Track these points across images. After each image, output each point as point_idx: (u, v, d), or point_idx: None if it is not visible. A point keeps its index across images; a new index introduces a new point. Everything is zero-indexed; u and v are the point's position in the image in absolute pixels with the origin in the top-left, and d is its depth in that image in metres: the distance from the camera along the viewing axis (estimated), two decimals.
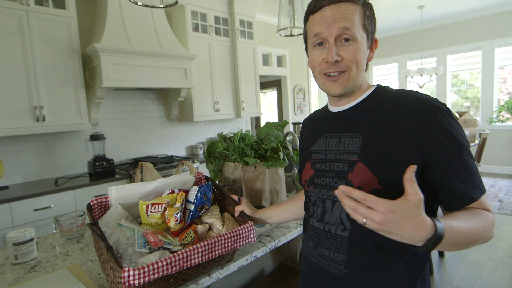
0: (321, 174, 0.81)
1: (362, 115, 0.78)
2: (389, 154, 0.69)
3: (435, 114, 0.68)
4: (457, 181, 0.67)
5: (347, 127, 0.79)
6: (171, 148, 3.71)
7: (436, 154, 0.67)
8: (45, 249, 1.25)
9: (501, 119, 5.07)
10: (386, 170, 0.69)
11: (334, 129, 0.82)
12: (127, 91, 3.28)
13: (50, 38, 2.49)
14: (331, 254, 0.77)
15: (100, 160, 2.67)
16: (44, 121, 2.48)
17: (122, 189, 0.99)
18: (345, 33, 0.72)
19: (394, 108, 0.73)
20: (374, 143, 0.72)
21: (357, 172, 0.72)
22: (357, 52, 0.73)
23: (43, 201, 2.30)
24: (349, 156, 0.75)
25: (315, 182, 0.82)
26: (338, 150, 0.78)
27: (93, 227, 0.84)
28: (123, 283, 0.70)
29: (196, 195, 1.03)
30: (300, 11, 1.81)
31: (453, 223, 0.61)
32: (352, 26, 0.72)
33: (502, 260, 2.60)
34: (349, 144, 0.76)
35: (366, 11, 0.75)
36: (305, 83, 5.58)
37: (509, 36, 5.11)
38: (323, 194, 0.80)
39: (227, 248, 0.90)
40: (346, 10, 0.72)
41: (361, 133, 0.75)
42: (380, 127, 0.73)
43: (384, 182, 0.69)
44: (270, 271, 1.55)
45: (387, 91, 0.79)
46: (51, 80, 2.51)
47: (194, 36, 3.45)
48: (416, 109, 0.70)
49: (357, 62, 0.74)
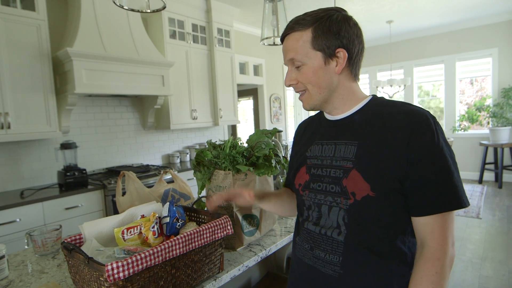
0: (317, 179, 0.83)
1: (357, 124, 0.80)
2: (381, 163, 0.73)
3: (422, 127, 0.72)
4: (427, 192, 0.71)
5: (343, 135, 0.82)
6: (147, 157, 3.59)
7: (417, 164, 0.71)
8: (16, 267, 1.15)
9: (463, 127, 5.41)
10: (377, 178, 0.73)
11: (330, 136, 0.85)
12: (100, 98, 3.15)
13: (17, 41, 2.34)
14: (327, 256, 0.79)
15: (71, 170, 2.53)
16: (10, 128, 2.31)
17: (94, 224, 1.01)
18: (293, 61, 0.81)
19: (388, 119, 0.76)
20: (368, 152, 0.75)
21: (351, 178, 0.75)
22: (309, 73, 0.79)
23: (7, 215, 2.13)
24: (344, 162, 0.78)
25: (310, 187, 0.84)
26: (334, 157, 0.81)
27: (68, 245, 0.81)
28: (107, 276, 0.70)
29: (169, 208, 1.04)
30: (283, 21, 1.84)
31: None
32: (296, 54, 0.79)
33: (471, 261, 2.75)
34: (345, 152, 0.79)
35: (317, 31, 0.77)
36: (281, 92, 5.66)
37: (468, 51, 5.52)
38: (319, 199, 0.82)
39: (206, 239, 0.94)
40: (292, 41, 0.80)
41: (356, 141, 0.78)
42: (374, 136, 0.76)
43: (376, 190, 0.73)
44: (257, 280, 1.53)
45: (382, 102, 0.82)
46: (18, 85, 2.35)
47: (171, 43, 3.40)
48: (407, 122, 0.73)
49: (312, 81, 0.80)
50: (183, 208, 1.14)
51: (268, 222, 1.30)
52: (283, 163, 1.19)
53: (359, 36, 0.81)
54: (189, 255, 0.90)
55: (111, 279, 0.71)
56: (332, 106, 0.84)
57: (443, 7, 4.60)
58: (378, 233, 0.75)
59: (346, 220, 0.76)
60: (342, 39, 0.77)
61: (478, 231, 3.38)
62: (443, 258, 0.71)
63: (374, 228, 0.75)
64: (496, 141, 5.00)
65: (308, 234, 0.84)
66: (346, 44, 0.78)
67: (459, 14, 4.98)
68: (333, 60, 0.78)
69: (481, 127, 5.56)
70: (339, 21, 0.78)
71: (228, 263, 1.09)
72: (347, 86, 0.82)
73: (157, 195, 1.38)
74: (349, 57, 0.79)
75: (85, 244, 0.96)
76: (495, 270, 2.57)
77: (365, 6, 4.29)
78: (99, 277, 0.75)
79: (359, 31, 0.81)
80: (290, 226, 1.41)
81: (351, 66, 0.81)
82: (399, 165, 0.71)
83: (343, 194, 0.77)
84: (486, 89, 5.59)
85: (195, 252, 0.92)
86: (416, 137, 0.71)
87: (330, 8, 0.80)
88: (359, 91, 0.85)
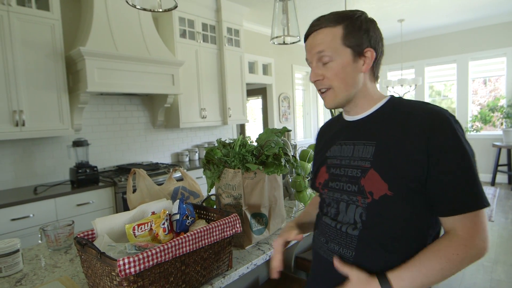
0: (335, 179, 0.85)
1: (375, 124, 0.82)
2: (399, 163, 0.73)
3: (444, 126, 0.71)
4: (452, 191, 0.70)
5: (361, 135, 0.83)
6: (156, 155, 3.63)
7: (439, 164, 0.70)
8: (30, 261, 1.17)
9: (475, 128, 5.31)
10: (396, 178, 0.73)
11: (348, 137, 0.86)
12: (111, 96, 3.19)
13: (32, 40, 2.39)
14: (341, 249, 0.81)
15: (83, 167, 2.57)
16: (24, 126, 2.36)
17: (106, 220, 1.03)
18: (320, 57, 0.81)
19: (407, 119, 0.76)
20: (386, 152, 0.76)
21: (369, 178, 0.76)
22: (337, 69, 0.80)
23: (21, 211, 2.18)
24: (362, 162, 0.79)
25: (329, 186, 0.87)
26: (353, 157, 0.82)
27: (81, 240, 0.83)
28: (119, 271, 0.71)
29: (179, 206, 1.05)
30: (293, 19, 1.84)
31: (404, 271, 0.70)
32: (326, 48, 0.80)
33: (483, 264, 2.70)
34: (363, 151, 0.80)
35: (347, 28, 0.80)
36: (290, 91, 5.64)
37: (481, 50, 5.41)
38: (336, 197, 0.84)
39: (215, 237, 0.95)
40: (321, 36, 0.81)
41: (374, 141, 0.79)
42: (392, 136, 0.76)
43: (394, 189, 0.73)
44: (265, 279, 1.53)
45: (400, 102, 0.82)
46: (32, 84, 2.41)
47: (181, 42, 3.43)
48: (427, 122, 0.72)
49: (339, 78, 0.81)
50: (193, 205, 1.15)
51: (277, 221, 1.30)
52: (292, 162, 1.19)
53: (382, 39, 0.84)
54: (198, 252, 0.91)
55: (123, 274, 0.72)
56: (353, 104, 0.85)
57: (455, 5, 4.52)
58: (394, 232, 0.75)
59: (363, 218, 0.77)
60: (371, 39, 0.80)
61: (490, 234, 3.32)
62: (469, 246, 0.69)
63: (390, 227, 0.75)
64: (509, 142, 4.89)
65: (325, 227, 0.87)
66: (374, 44, 0.81)
67: (472, 12, 4.89)
68: (360, 58, 0.80)
69: (494, 128, 5.45)
70: (367, 21, 0.81)
71: (236, 261, 1.10)
72: (369, 86, 0.84)
73: (167, 193, 1.39)
74: (375, 57, 0.82)
75: (97, 240, 0.98)
76: (507, 274, 2.52)
77: (376, 4, 4.24)
78: (111, 271, 0.77)
79: (381, 35, 0.85)
80: None
81: (374, 67, 0.84)
82: (419, 165, 0.71)
83: (360, 193, 0.78)
84: (500, 89, 5.47)
85: (204, 250, 0.93)
86: (436, 136, 0.70)
87: (356, 10, 0.83)
88: (378, 91, 0.87)
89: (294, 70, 5.72)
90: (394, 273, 0.71)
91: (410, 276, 0.69)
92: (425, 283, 0.69)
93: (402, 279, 0.70)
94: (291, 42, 1.92)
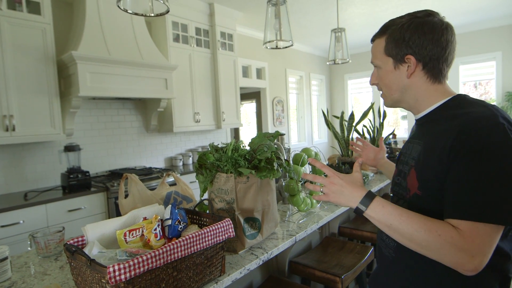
0: (397, 174, 0.94)
1: (426, 125, 0.87)
2: (428, 164, 0.78)
3: (472, 132, 0.69)
4: (455, 195, 0.70)
5: (417, 135, 0.90)
6: (150, 159, 3.60)
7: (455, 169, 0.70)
8: (19, 268, 1.15)
9: None
10: (424, 178, 0.78)
11: (413, 136, 0.94)
12: (104, 101, 3.17)
13: (23, 44, 2.37)
14: (387, 239, 0.91)
15: (75, 172, 2.54)
16: (14, 130, 2.33)
17: (96, 226, 1.01)
18: (374, 64, 0.93)
19: (451, 121, 0.76)
20: (426, 153, 0.80)
21: (410, 176, 0.84)
22: (382, 76, 0.91)
23: (10, 217, 2.14)
24: (411, 161, 0.86)
25: (393, 180, 0.97)
26: (410, 154, 0.88)
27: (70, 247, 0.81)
28: (109, 279, 0.70)
29: (171, 211, 1.05)
30: (286, 24, 1.85)
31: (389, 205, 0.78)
32: (375, 59, 0.92)
33: None
34: (414, 150, 0.86)
35: (388, 39, 0.87)
36: (283, 95, 5.66)
37: (472, 55, 5.50)
38: (395, 190, 0.94)
39: (208, 242, 0.94)
40: (374, 47, 0.93)
41: (422, 141, 0.84)
42: (434, 138, 0.79)
43: (422, 188, 0.79)
44: (258, 284, 1.52)
45: (460, 102, 0.81)
46: (23, 88, 2.38)
47: (174, 47, 3.43)
48: (458, 124, 0.73)
49: (384, 83, 0.91)
50: (185, 210, 1.14)
51: (270, 225, 1.30)
52: (285, 166, 1.19)
53: (436, 40, 0.81)
54: (190, 257, 0.91)
55: (113, 281, 0.71)
56: (408, 105, 0.92)
57: (445, 11, 4.60)
58: None
59: None
60: (412, 46, 0.83)
61: None
62: (457, 243, 0.66)
63: None
64: None
65: None
66: (417, 50, 0.83)
67: (462, 17, 4.98)
68: (403, 65, 0.86)
69: None
70: (411, 28, 0.83)
71: (229, 266, 1.09)
72: (423, 88, 0.86)
73: (160, 198, 1.38)
74: (423, 61, 0.83)
75: (88, 246, 0.96)
76: None
77: (367, 9, 4.29)
78: (101, 279, 0.75)
79: (437, 36, 0.81)
80: (292, 229, 1.41)
81: (427, 69, 0.84)
82: (441, 166, 0.73)
83: (405, 189, 0.86)
84: (490, 92, 5.57)
85: (196, 255, 0.92)
86: (460, 139, 0.70)
87: (417, 12, 0.85)
88: (441, 91, 0.85)
89: (288, 74, 5.75)
90: (380, 199, 0.80)
91: (390, 211, 0.76)
92: (394, 227, 0.75)
93: (382, 206, 0.78)
94: (283, 46, 1.93)
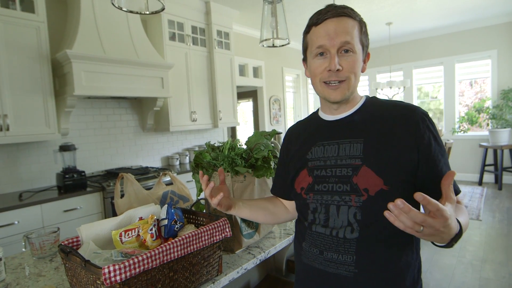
0: (322, 181, 0.82)
1: (358, 122, 0.83)
2: (391, 156, 0.76)
3: (424, 120, 0.78)
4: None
5: (345, 134, 0.83)
6: (146, 159, 3.58)
7: (428, 154, 0.76)
8: (13, 270, 1.14)
9: (462, 129, 5.41)
10: (389, 172, 0.75)
11: (331, 137, 0.85)
12: (99, 100, 3.14)
13: (17, 42, 2.34)
14: (340, 257, 0.78)
15: (70, 172, 2.52)
16: (8, 130, 2.30)
17: (91, 226, 1.00)
18: (345, 46, 0.78)
19: (389, 115, 0.81)
20: (376, 147, 0.78)
21: (362, 175, 0.77)
22: (355, 63, 0.80)
23: (5, 218, 2.12)
24: (351, 160, 0.79)
25: (315, 189, 0.83)
26: (339, 156, 0.81)
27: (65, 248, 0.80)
28: (104, 280, 0.69)
29: (167, 211, 1.04)
30: (282, 22, 1.84)
31: (460, 219, 0.66)
32: (352, 40, 0.79)
33: (471, 263, 2.73)
34: (350, 150, 0.80)
35: (363, 27, 0.83)
36: (280, 94, 5.66)
37: (467, 53, 5.53)
38: (325, 199, 0.81)
39: (205, 241, 0.93)
40: (347, 25, 0.79)
41: (361, 138, 0.80)
42: (379, 132, 0.79)
43: (389, 183, 0.75)
44: (256, 283, 1.52)
45: (377, 101, 0.88)
46: (17, 87, 2.35)
47: (170, 45, 3.40)
48: (408, 115, 0.79)
49: (354, 72, 0.81)
50: (182, 210, 1.13)
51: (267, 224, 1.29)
52: None
53: None
54: (187, 257, 0.90)
55: (108, 282, 0.70)
56: (346, 102, 0.85)
57: (442, 9, 4.61)
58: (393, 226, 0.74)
59: (358, 217, 0.76)
60: (368, 43, 0.85)
61: (478, 233, 3.37)
62: None
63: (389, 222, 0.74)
64: (495, 142, 5.00)
65: (317, 237, 0.82)
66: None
67: (458, 16, 4.99)
68: (364, 58, 0.85)
69: (481, 128, 5.56)
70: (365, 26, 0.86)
71: (226, 265, 1.08)
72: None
73: (156, 197, 1.37)
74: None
75: (82, 247, 0.95)
76: (495, 272, 2.56)
77: (364, 7, 4.29)
78: (96, 280, 0.74)
79: None
80: (289, 228, 1.40)
81: None
82: (410, 157, 0.75)
83: (354, 192, 0.77)
84: (486, 90, 5.59)
85: (193, 255, 0.92)
86: (422, 130, 0.76)
87: None
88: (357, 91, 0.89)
89: (285, 72, 5.74)
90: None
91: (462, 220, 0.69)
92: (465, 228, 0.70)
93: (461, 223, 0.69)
94: (280, 44, 1.92)
